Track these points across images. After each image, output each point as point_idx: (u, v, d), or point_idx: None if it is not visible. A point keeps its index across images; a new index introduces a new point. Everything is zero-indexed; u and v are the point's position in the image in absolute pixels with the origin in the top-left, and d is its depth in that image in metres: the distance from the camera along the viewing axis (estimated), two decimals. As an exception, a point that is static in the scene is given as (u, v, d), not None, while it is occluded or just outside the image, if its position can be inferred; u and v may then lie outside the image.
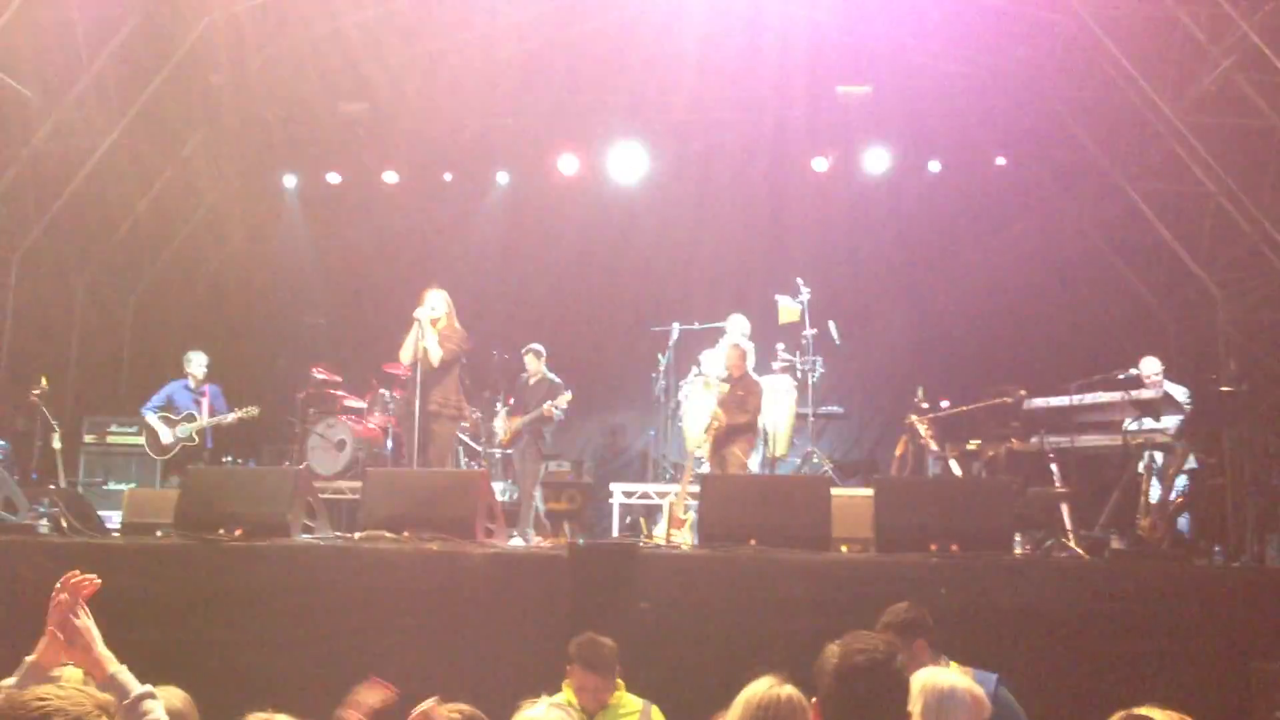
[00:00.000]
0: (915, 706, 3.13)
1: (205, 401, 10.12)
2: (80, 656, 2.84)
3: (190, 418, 10.05)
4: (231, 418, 10.08)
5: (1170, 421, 8.02)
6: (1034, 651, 5.39)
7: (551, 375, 10.46)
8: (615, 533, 10.13)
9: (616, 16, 12.40)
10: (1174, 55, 10.13)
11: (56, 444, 9.97)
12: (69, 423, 11.04)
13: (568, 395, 10.08)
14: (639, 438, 13.14)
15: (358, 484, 9.31)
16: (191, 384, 10.32)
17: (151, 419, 10.05)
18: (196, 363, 10.36)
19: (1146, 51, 10.32)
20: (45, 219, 11.84)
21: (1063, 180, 12.77)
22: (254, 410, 10.09)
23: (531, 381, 10.51)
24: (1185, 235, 11.35)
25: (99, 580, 2.97)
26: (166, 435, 9.97)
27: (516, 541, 8.53)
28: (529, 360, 10.60)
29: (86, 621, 2.87)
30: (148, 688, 2.77)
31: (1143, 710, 2.82)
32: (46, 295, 12.68)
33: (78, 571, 2.94)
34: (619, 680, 4.76)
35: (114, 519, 8.30)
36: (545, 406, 10.00)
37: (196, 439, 10.02)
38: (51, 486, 9.44)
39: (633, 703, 4.74)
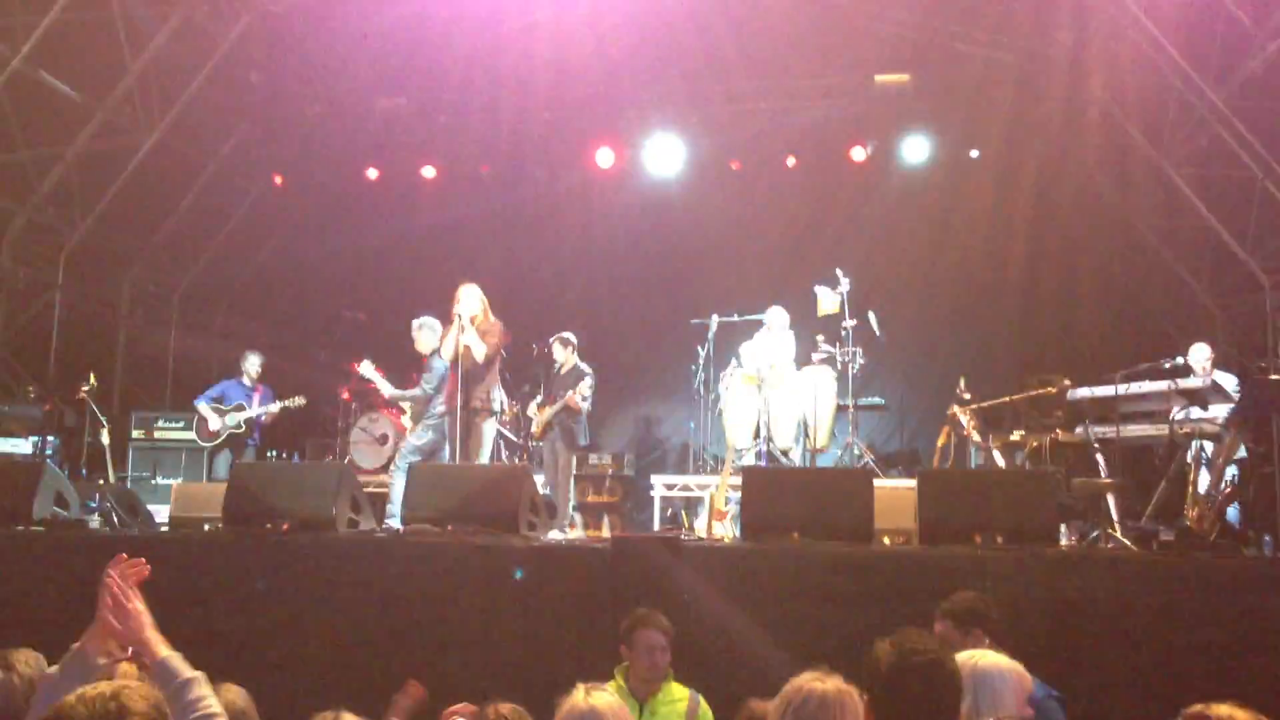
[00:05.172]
0: None
1: (257, 397, 10.75)
2: (131, 640, 2.85)
3: (240, 408, 10.65)
4: (276, 407, 10.67)
5: (1219, 410, 7.89)
6: (1080, 645, 5.32)
7: (582, 365, 10.27)
8: (656, 525, 10.12)
9: (651, 9, 12.37)
10: (1218, 39, 9.97)
11: (105, 439, 10.24)
12: (117, 419, 11.26)
13: (588, 381, 9.87)
14: (679, 430, 13.12)
15: (401, 478, 9.38)
16: (246, 381, 10.89)
17: (203, 408, 10.69)
18: (251, 362, 10.95)
19: (1190, 35, 10.16)
20: (91, 218, 12.04)
21: (1106, 166, 12.59)
22: (300, 400, 10.74)
23: (562, 371, 10.34)
24: (1231, 221, 11.17)
25: (148, 567, 3.00)
26: (215, 423, 10.58)
27: (555, 535, 8.50)
28: (557, 349, 10.43)
29: (138, 605, 2.88)
30: (199, 674, 2.78)
31: (1223, 709, 2.71)
32: (93, 293, 12.91)
33: (126, 555, 2.97)
34: (669, 668, 4.77)
35: (162, 513, 8.42)
36: (568, 395, 9.85)
37: (244, 427, 10.61)
38: (101, 481, 9.66)
39: (681, 690, 4.75)
